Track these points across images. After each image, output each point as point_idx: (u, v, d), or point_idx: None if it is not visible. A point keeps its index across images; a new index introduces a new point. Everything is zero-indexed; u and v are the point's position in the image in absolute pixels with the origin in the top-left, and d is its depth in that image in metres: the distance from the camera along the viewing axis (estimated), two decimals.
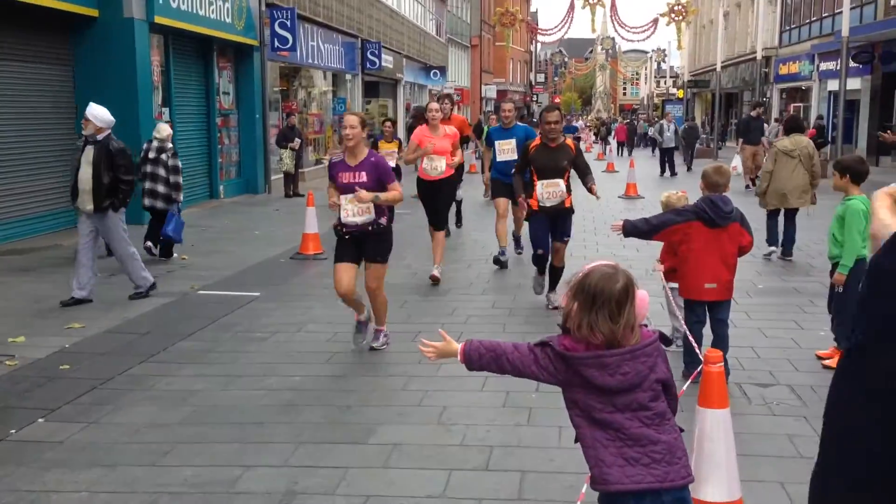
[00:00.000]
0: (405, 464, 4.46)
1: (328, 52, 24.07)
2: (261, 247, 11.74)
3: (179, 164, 10.66)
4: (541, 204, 7.75)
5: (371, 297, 6.55)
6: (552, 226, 7.87)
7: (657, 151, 27.44)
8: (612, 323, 2.56)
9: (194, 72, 16.82)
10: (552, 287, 8.03)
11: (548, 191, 7.70)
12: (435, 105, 9.64)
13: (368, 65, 27.81)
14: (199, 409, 5.31)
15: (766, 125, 22.74)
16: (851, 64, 23.06)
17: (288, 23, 18.97)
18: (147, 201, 10.45)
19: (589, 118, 59.87)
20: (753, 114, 20.81)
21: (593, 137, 44.29)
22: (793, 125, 10.91)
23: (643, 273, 8.00)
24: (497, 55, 61.51)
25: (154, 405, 5.38)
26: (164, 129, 10.66)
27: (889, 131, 13.25)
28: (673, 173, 24.78)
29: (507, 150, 10.06)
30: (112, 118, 8.17)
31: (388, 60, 30.32)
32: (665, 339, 2.76)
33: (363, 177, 6.22)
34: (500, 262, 10.06)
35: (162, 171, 10.37)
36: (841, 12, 21.16)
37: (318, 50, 23.13)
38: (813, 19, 32.40)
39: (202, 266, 10.17)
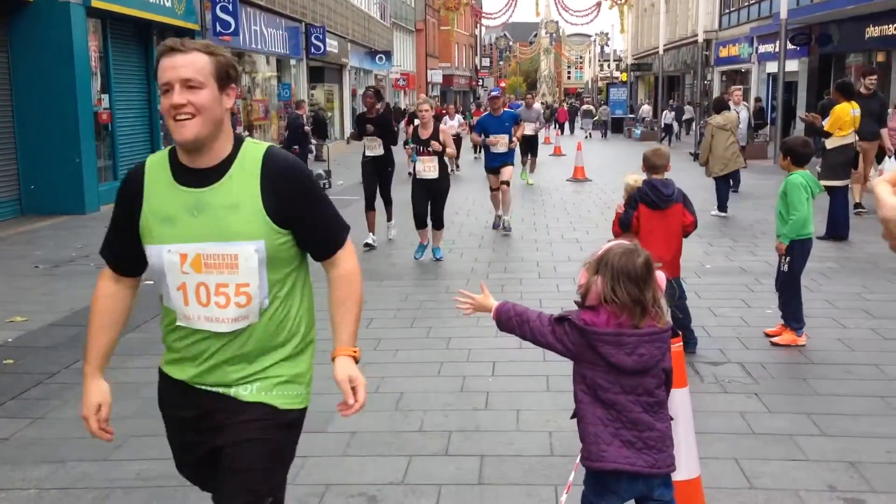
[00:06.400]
0: (364, 451, 4.43)
1: (271, 36, 23.72)
2: None
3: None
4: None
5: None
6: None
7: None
8: (641, 295, 2.59)
9: (134, 57, 16.41)
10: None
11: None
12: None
13: (313, 50, 27.42)
14: (151, 401, 5.10)
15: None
16: (789, 46, 23.42)
17: (230, 6, 18.62)
18: None
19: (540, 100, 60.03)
20: (862, 89, 11.67)
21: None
22: (720, 105, 13.38)
23: None
24: (442, 39, 61.38)
25: None
26: None
27: (808, 113, 13.41)
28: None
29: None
30: None
31: (332, 45, 29.99)
32: (673, 332, 2.78)
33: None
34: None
35: None
36: None
37: (262, 34, 22.78)
38: (752, 2, 32.90)
39: None
